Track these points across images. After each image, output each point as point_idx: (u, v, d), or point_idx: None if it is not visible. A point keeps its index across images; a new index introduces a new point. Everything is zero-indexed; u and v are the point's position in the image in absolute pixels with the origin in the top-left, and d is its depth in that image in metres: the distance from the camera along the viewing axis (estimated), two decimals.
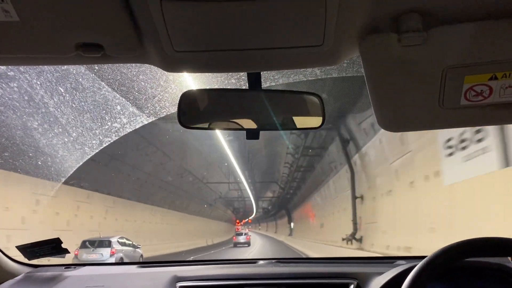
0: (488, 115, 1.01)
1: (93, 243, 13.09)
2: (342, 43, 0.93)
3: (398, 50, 0.91)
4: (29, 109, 9.18)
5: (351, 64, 5.26)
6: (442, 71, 0.93)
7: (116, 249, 13.02)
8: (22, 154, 11.02)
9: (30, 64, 1.04)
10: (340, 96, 10.59)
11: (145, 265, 1.97)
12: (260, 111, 1.17)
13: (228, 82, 4.60)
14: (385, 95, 1.01)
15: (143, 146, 18.31)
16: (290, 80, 5.68)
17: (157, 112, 7.97)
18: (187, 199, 29.10)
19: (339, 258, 2.33)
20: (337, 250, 15.53)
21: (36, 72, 7.75)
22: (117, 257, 12.78)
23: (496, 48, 0.89)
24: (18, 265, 1.92)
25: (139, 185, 20.43)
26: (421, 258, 1.10)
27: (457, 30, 0.89)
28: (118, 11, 0.80)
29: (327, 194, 21.05)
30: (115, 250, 12.99)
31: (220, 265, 1.99)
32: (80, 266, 1.96)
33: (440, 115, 1.02)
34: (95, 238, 13.59)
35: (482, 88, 0.94)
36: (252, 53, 0.94)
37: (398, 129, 1.13)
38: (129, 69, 6.18)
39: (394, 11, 0.86)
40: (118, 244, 13.42)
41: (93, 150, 11.72)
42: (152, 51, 0.94)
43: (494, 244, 1.05)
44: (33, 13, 0.80)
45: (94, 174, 15.54)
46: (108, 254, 12.70)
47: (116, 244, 13.30)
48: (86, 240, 13.22)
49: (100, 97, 8.74)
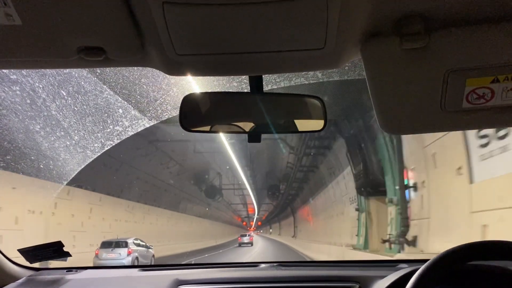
0: (490, 118, 1.01)
1: (112, 244, 14.36)
2: (343, 46, 0.93)
3: (399, 53, 0.91)
4: (31, 112, 9.22)
5: (353, 67, 5.26)
6: (444, 74, 0.93)
7: (132, 249, 14.28)
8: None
9: (32, 67, 1.05)
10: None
11: (147, 269, 1.96)
12: (261, 114, 1.17)
13: (230, 85, 4.61)
14: (387, 98, 1.01)
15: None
16: (292, 83, 5.69)
17: (159, 115, 7.99)
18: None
19: (341, 261, 2.32)
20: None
21: (39, 75, 7.78)
22: (133, 256, 14.01)
23: (498, 51, 0.89)
24: (20, 268, 1.91)
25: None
26: (423, 262, 1.10)
27: (458, 33, 0.89)
28: (120, 15, 0.80)
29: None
30: (131, 250, 14.24)
31: (222, 269, 1.98)
32: (82, 270, 1.96)
33: (442, 118, 1.02)
34: (113, 239, 14.85)
35: (484, 91, 0.94)
36: (253, 56, 0.94)
37: (400, 132, 1.13)
38: (131, 73, 6.20)
39: (395, 14, 0.86)
40: (134, 245, 14.65)
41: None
42: (154, 55, 0.94)
43: (497, 248, 1.05)
44: (35, 17, 0.80)
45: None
46: (125, 254, 13.95)
47: (132, 244, 14.54)
48: (106, 241, 14.48)
49: (102, 100, 8.77)
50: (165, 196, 24.88)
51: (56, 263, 2.00)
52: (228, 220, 52.07)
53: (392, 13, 0.86)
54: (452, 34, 0.89)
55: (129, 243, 14.41)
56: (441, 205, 8.11)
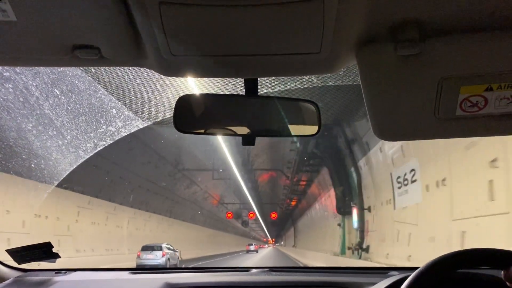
0: (483, 126, 1.01)
1: (150, 247, 18.00)
2: (339, 51, 0.93)
3: (394, 60, 0.92)
4: (24, 110, 9.13)
5: (348, 72, 5.29)
6: (438, 81, 0.94)
7: (165, 252, 17.85)
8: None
9: (26, 65, 1.04)
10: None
11: (137, 272, 1.95)
12: (256, 117, 1.17)
13: (225, 87, 4.61)
14: (381, 104, 1.02)
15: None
16: (287, 87, 5.70)
17: (153, 116, 7.96)
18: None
19: (332, 267, 2.32)
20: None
21: (32, 73, 7.72)
22: (166, 257, 17.69)
23: (492, 60, 0.90)
24: (8, 269, 1.88)
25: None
26: (413, 269, 1.10)
27: (453, 41, 0.89)
28: (116, 14, 0.80)
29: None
30: (165, 252, 17.81)
31: (213, 273, 1.97)
32: (71, 271, 1.93)
33: (435, 125, 1.02)
34: (151, 243, 18.61)
35: (477, 99, 0.95)
36: (249, 59, 0.94)
37: (393, 138, 1.13)
38: (125, 72, 6.17)
39: (391, 21, 0.86)
40: (166, 249, 18.34)
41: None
42: (149, 55, 0.94)
43: (486, 256, 1.05)
44: (30, 14, 0.79)
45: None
46: (161, 255, 17.46)
47: (165, 248, 18.28)
48: (145, 245, 18.23)
49: (96, 100, 8.72)
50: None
51: (46, 264, 1.98)
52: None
53: (388, 20, 0.86)
54: (447, 42, 0.89)
55: (163, 247, 18.11)
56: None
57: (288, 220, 49.90)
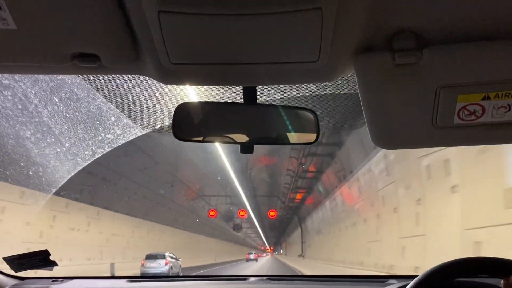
0: (481, 134, 1.02)
1: (154, 256, 18.52)
2: (337, 60, 0.94)
3: (392, 68, 0.92)
4: (22, 118, 9.12)
5: (346, 81, 5.31)
6: (436, 90, 0.94)
7: (168, 261, 18.39)
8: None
9: (25, 72, 1.04)
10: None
11: (135, 280, 1.93)
12: (254, 125, 1.17)
13: (224, 95, 4.61)
14: (379, 112, 1.02)
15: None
16: (285, 95, 5.71)
17: (151, 124, 7.95)
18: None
19: (331, 276, 2.31)
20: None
21: (31, 81, 7.73)
22: (169, 265, 18.22)
23: (489, 69, 0.91)
24: (5, 277, 1.87)
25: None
26: (412, 278, 1.09)
27: (450, 50, 0.90)
28: (116, 22, 0.80)
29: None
30: (168, 261, 18.35)
31: (210, 281, 1.95)
32: (68, 280, 1.92)
33: (433, 133, 1.02)
34: (154, 252, 19.09)
35: (475, 107, 0.95)
36: (248, 67, 0.95)
37: (391, 147, 1.14)
38: (124, 80, 6.18)
39: (388, 30, 0.87)
40: (169, 257, 18.89)
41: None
42: (148, 63, 0.94)
43: (486, 265, 1.05)
44: (30, 22, 0.80)
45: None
46: (164, 264, 18.01)
47: (168, 257, 18.82)
48: (149, 254, 18.68)
49: (94, 108, 8.71)
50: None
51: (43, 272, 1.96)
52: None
53: (386, 29, 0.87)
54: (444, 51, 0.90)
55: (166, 256, 18.72)
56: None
57: (292, 220, 38.96)
